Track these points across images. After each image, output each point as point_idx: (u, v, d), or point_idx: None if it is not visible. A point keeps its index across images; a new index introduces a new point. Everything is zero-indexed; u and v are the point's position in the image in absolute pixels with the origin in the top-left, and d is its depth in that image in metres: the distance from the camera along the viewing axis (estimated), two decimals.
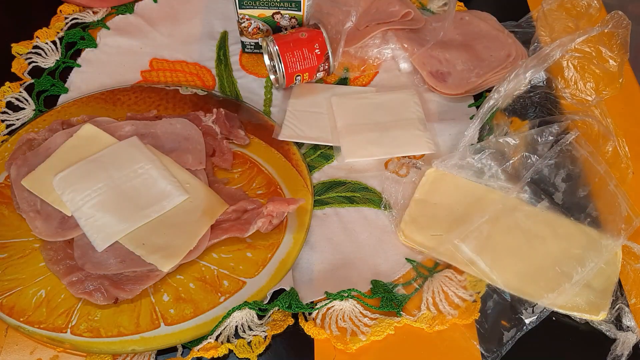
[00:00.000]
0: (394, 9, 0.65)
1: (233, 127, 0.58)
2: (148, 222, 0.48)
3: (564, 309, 0.46)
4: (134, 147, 0.52)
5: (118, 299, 0.45)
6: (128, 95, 0.61)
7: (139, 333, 0.45)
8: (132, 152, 0.52)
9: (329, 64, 0.59)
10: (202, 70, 0.65)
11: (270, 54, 0.58)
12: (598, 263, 0.47)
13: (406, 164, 0.56)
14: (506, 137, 0.53)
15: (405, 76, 0.65)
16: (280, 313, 0.46)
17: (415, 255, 0.50)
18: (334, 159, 0.57)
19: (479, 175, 0.53)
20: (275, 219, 0.49)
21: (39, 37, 0.66)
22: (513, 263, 0.48)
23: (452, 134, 0.59)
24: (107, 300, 0.45)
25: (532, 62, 0.53)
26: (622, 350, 0.44)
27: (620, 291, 0.48)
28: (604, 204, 0.51)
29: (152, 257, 0.46)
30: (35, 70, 0.64)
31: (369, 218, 0.53)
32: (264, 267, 0.49)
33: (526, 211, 0.51)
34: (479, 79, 0.61)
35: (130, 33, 0.68)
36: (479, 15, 0.69)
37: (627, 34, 0.56)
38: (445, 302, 0.47)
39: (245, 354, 0.44)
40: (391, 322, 0.45)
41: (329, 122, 0.59)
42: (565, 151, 0.52)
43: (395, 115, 0.59)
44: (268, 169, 0.56)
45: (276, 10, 0.59)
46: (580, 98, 0.59)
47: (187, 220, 0.49)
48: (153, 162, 0.51)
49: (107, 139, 0.53)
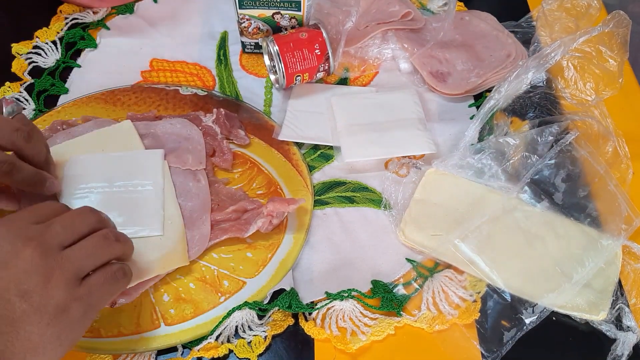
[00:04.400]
0: (394, 9, 0.65)
1: (233, 127, 0.58)
2: None
3: (564, 309, 0.46)
4: (152, 161, 0.52)
5: (116, 303, 0.45)
6: (128, 95, 0.61)
7: (139, 333, 0.45)
8: (147, 165, 0.52)
9: (329, 64, 0.59)
10: (202, 71, 0.65)
11: (270, 54, 0.58)
12: (598, 263, 0.47)
13: (406, 164, 0.56)
14: (506, 137, 0.53)
15: (405, 76, 0.65)
16: (281, 313, 0.46)
17: (416, 255, 0.50)
18: (334, 159, 0.57)
19: (479, 175, 0.53)
20: (275, 219, 0.49)
21: (39, 37, 0.66)
22: (513, 263, 0.48)
23: (452, 134, 0.59)
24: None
25: (533, 63, 0.53)
26: (622, 350, 0.44)
27: (620, 291, 0.48)
28: (604, 204, 0.51)
29: None
30: (35, 70, 0.64)
31: (369, 218, 0.53)
32: (264, 267, 0.49)
33: (526, 211, 0.51)
34: (479, 79, 0.61)
35: (130, 33, 0.68)
36: (479, 15, 0.69)
37: (627, 33, 0.55)
38: (445, 302, 0.47)
39: (245, 354, 0.44)
40: (391, 322, 0.45)
41: (329, 122, 0.59)
42: (565, 151, 0.52)
43: (395, 115, 0.59)
44: (268, 169, 0.56)
45: (276, 11, 0.59)
46: (580, 98, 0.59)
47: (142, 256, 0.46)
48: (157, 185, 0.50)
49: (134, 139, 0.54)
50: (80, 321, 0.35)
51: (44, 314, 0.32)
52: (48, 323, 0.33)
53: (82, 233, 0.37)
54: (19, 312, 0.32)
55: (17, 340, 0.31)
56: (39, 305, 0.32)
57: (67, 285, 0.34)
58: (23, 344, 0.31)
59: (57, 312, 0.33)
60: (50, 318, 0.33)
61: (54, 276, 0.33)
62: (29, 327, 0.32)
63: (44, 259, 0.33)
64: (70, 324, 0.34)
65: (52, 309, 0.33)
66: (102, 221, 0.40)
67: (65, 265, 0.34)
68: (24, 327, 0.32)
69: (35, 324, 0.32)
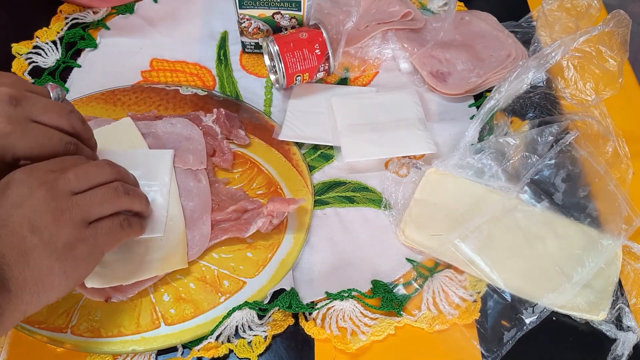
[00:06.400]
0: (394, 9, 0.65)
1: (233, 127, 0.58)
2: None
3: (564, 309, 0.46)
4: (162, 162, 0.52)
5: (110, 298, 0.45)
6: (128, 95, 0.61)
7: (139, 333, 0.45)
8: (156, 165, 0.51)
9: (329, 64, 0.59)
10: (202, 71, 0.65)
11: (271, 54, 0.58)
12: (598, 263, 0.47)
13: (406, 164, 0.56)
14: (506, 137, 0.53)
15: (405, 76, 0.65)
16: (281, 313, 0.46)
17: (416, 255, 0.50)
18: (334, 159, 0.57)
19: (479, 175, 0.53)
20: (275, 219, 0.49)
21: (39, 37, 0.66)
22: (513, 263, 0.48)
23: (452, 134, 0.59)
24: (100, 297, 0.45)
25: (533, 63, 0.53)
26: (623, 350, 0.44)
27: (620, 291, 0.48)
28: (604, 204, 0.51)
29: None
30: (36, 70, 0.64)
31: (369, 218, 0.53)
32: (264, 267, 0.49)
33: (526, 211, 0.51)
34: (479, 79, 0.61)
35: (130, 33, 0.68)
36: (479, 15, 0.69)
37: (627, 33, 0.55)
38: (445, 302, 0.47)
39: (245, 354, 0.44)
40: (391, 322, 0.46)
41: (329, 122, 0.59)
42: (565, 151, 0.52)
43: (395, 115, 0.59)
44: (268, 169, 0.56)
45: (276, 11, 0.59)
46: (580, 98, 0.59)
47: (141, 256, 0.46)
48: (163, 186, 0.50)
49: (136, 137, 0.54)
50: (85, 260, 0.38)
51: (52, 249, 0.36)
52: (57, 258, 0.36)
53: (95, 183, 0.40)
54: (30, 245, 0.35)
55: (27, 269, 0.34)
56: (48, 241, 0.35)
57: (75, 226, 0.37)
58: (33, 273, 0.35)
59: (64, 249, 0.36)
60: (58, 254, 0.36)
61: (62, 217, 0.36)
62: (39, 260, 0.35)
63: (54, 200, 0.36)
64: (76, 262, 0.37)
65: (60, 246, 0.36)
66: (119, 174, 0.42)
67: (74, 209, 0.37)
68: (34, 259, 0.35)
69: (45, 258, 0.35)
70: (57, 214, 0.36)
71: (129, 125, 0.55)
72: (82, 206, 0.38)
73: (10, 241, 0.34)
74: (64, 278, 0.36)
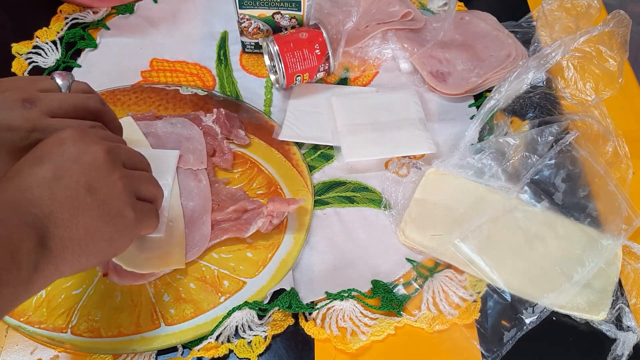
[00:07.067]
0: (394, 9, 0.65)
1: (233, 127, 0.58)
2: None
3: (564, 309, 0.46)
4: (166, 162, 0.52)
5: (108, 275, 0.46)
6: (128, 95, 0.61)
7: (139, 333, 0.45)
8: (160, 165, 0.51)
9: (329, 64, 0.59)
10: (202, 70, 0.65)
11: (271, 54, 0.58)
12: (598, 263, 0.47)
13: (406, 164, 0.56)
14: (506, 137, 0.53)
15: (405, 76, 0.65)
16: (281, 313, 0.46)
17: (416, 255, 0.50)
18: (334, 159, 0.57)
19: (479, 175, 0.53)
20: (275, 219, 0.49)
21: (39, 37, 0.66)
22: (513, 263, 0.48)
23: (452, 134, 0.59)
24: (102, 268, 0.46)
25: (533, 63, 0.53)
26: (623, 350, 0.44)
27: (620, 291, 0.48)
28: (604, 204, 0.51)
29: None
30: (35, 70, 0.64)
31: (369, 218, 0.53)
32: (264, 267, 0.49)
33: (526, 211, 0.51)
34: (479, 79, 0.61)
35: (130, 33, 0.68)
36: (479, 15, 0.69)
37: (627, 33, 0.55)
38: (445, 302, 0.47)
39: (245, 354, 0.44)
40: (391, 322, 0.46)
41: (329, 122, 0.59)
42: (565, 151, 0.52)
43: (395, 115, 0.59)
44: (268, 169, 0.56)
45: (276, 11, 0.59)
46: (580, 98, 0.59)
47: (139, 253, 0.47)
48: (166, 187, 0.50)
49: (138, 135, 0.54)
50: (130, 231, 0.37)
51: (105, 211, 0.34)
52: (107, 222, 0.34)
53: (141, 166, 0.40)
54: (83, 203, 0.33)
55: (75, 228, 0.33)
56: (102, 202, 0.34)
57: (129, 194, 0.36)
58: (79, 233, 0.33)
59: (116, 215, 0.35)
60: (109, 217, 0.35)
61: (120, 182, 0.36)
62: (89, 220, 0.34)
63: (112, 164, 0.36)
64: (122, 230, 0.36)
65: (113, 210, 0.35)
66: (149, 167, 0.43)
67: (128, 178, 0.37)
68: (84, 218, 0.33)
69: (95, 219, 0.34)
70: (114, 177, 0.35)
71: (130, 124, 0.55)
72: (134, 178, 0.37)
73: (63, 196, 0.33)
74: (108, 244, 0.35)
